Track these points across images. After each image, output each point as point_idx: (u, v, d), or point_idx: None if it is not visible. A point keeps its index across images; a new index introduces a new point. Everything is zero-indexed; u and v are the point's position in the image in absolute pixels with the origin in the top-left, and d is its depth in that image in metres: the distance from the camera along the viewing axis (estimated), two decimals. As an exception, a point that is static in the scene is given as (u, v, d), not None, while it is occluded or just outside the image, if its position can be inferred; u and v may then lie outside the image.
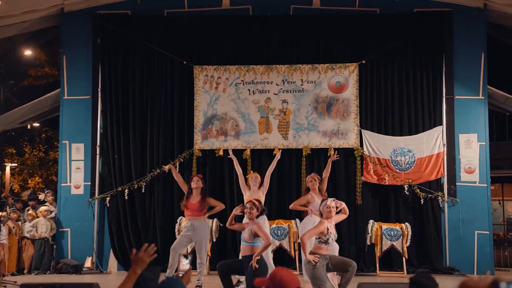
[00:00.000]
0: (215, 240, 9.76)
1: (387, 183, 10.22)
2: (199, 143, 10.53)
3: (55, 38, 11.97)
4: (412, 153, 10.31)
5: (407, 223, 9.88)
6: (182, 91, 10.71)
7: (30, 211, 10.60)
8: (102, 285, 6.05)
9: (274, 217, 9.84)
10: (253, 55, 10.75)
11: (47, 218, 10.44)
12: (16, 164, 19.76)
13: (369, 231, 9.74)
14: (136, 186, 10.43)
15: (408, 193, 10.22)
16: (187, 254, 3.83)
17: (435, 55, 10.57)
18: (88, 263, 10.27)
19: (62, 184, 10.65)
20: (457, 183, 10.29)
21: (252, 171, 9.83)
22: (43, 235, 10.27)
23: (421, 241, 10.17)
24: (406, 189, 10.18)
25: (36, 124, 18.86)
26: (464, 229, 10.16)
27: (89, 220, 10.49)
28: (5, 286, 8.10)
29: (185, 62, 10.65)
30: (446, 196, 10.24)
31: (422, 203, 10.18)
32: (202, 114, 10.58)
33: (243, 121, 10.56)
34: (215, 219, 9.58)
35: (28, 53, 13.39)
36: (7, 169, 18.92)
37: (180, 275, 3.37)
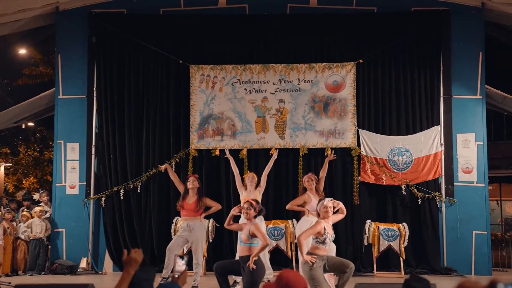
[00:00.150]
0: (211, 240, 9.70)
1: (384, 183, 10.17)
2: (195, 142, 10.46)
3: (50, 36, 11.87)
4: (410, 153, 10.27)
5: (404, 223, 9.84)
6: (178, 90, 10.64)
7: (24, 212, 10.54)
8: (97, 285, 5.98)
9: (271, 217, 9.79)
10: (249, 54, 10.71)
11: (41, 218, 10.36)
12: (11, 164, 19.67)
13: (366, 231, 9.70)
14: (131, 186, 10.35)
15: (405, 193, 10.17)
16: (183, 255, 3.79)
17: (432, 54, 10.52)
18: (83, 263, 10.21)
19: (57, 184, 10.58)
20: (454, 183, 10.25)
21: (248, 171, 9.79)
22: (37, 235, 10.19)
23: (418, 241, 10.12)
24: (403, 189, 10.13)
25: (30, 124, 18.81)
26: (462, 230, 10.13)
27: (84, 221, 10.41)
28: (-1, 287, 8.04)
29: (181, 61, 10.58)
30: (443, 196, 10.20)
31: (419, 203, 10.14)
32: (198, 114, 10.52)
33: (240, 120, 10.50)
34: (211, 219, 9.53)
35: (22, 52, 13.34)
36: (1, 169, 18.83)
37: (176, 276, 3.34)
